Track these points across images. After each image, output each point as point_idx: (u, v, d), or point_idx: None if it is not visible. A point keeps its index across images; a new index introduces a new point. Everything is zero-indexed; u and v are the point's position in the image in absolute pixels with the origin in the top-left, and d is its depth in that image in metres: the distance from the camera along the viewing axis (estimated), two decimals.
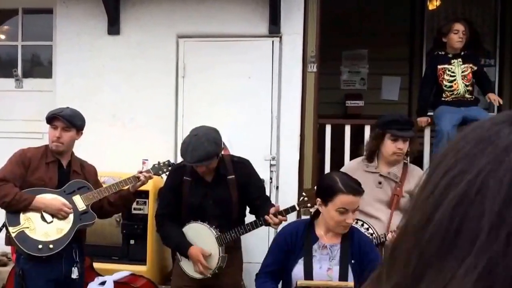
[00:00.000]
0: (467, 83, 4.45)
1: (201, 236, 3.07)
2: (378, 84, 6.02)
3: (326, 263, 2.40)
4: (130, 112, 4.56)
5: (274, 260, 2.49)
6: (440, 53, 4.57)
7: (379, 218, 2.99)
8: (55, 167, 3.11)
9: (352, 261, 2.39)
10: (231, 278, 3.19)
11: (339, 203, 2.34)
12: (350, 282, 2.34)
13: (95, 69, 4.60)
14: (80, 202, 3.08)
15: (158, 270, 4.07)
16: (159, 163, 3.31)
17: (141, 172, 3.21)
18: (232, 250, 3.12)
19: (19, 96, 4.84)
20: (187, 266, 3.13)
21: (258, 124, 4.44)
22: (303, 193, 2.92)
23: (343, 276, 2.35)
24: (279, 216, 2.92)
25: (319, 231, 2.46)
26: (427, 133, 4.58)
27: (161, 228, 3.21)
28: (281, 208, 2.99)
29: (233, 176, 3.11)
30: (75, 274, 3.07)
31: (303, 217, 4.18)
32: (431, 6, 5.87)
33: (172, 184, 3.19)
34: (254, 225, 3.02)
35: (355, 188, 2.38)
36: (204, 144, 2.92)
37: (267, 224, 2.98)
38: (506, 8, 5.88)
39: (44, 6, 4.82)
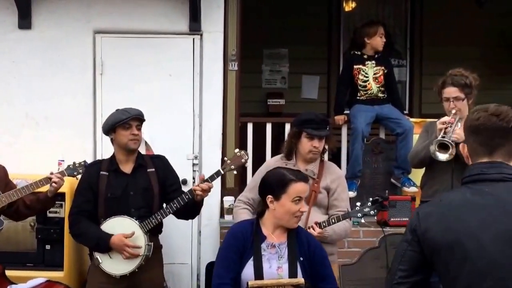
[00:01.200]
0: (379, 85, 4.68)
1: (123, 227, 3.01)
2: (298, 83, 6.16)
3: (275, 262, 2.39)
4: (44, 111, 4.34)
5: (232, 264, 2.39)
6: (356, 53, 4.77)
7: None
8: None
9: (301, 258, 2.39)
10: (153, 280, 3.14)
11: (294, 192, 2.39)
12: (301, 279, 2.34)
13: (5, 66, 4.32)
14: None
15: (76, 275, 3.92)
16: (74, 163, 3.20)
17: (52, 173, 3.07)
18: (153, 251, 3.08)
19: None
20: (109, 266, 3.04)
21: (180, 123, 4.40)
22: (225, 157, 2.97)
23: (292, 274, 2.36)
24: (205, 183, 2.97)
25: (266, 230, 2.44)
26: (344, 130, 4.77)
27: (76, 226, 3.11)
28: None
29: (153, 169, 3.15)
30: None
31: (227, 216, 4.20)
32: (347, 8, 6.09)
33: (89, 181, 3.12)
34: (180, 201, 3.00)
35: (304, 175, 2.49)
36: (134, 108, 3.15)
37: (193, 199, 2.98)
38: (415, 11, 6.24)
39: None
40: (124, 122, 3.04)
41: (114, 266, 3.04)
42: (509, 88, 6.17)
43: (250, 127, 4.60)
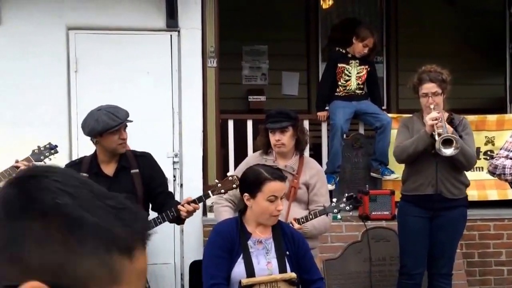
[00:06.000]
0: (360, 83, 4.71)
1: None
2: (278, 80, 6.13)
3: (263, 258, 2.37)
4: (17, 110, 4.18)
5: (223, 262, 2.34)
6: (341, 50, 4.75)
7: None
8: None
9: (287, 252, 2.39)
10: None
11: (268, 191, 2.36)
12: (292, 273, 2.33)
13: None
14: None
15: None
16: (39, 147, 3.05)
17: (18, 161, 2.93)
18: None
19: None
20: None
21: (159, 121, 4.30)
22: (216, 180, 2.88)
23: (282, 268, 2.35)
24: (192, 204, 2.84)
25: (249, 227, 2.43)
26: (324, 126, 4.76)
27: None
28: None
29: (137, 170, 2.97)
30: None
31: (209, 214, 4.11)
32: (325, 5, 6.09)
33: None
34: (164, 218, 2.88)
35: (280, 175, 2.45)
36: (119, 107, 2.91)
37: (178, 215, 2.86)
38: (391, 8, 6.30)
39: None
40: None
41: None
42: (479, 83, 6.34)
43: (230, 124, 4.53)
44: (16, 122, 4.18)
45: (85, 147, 3.73)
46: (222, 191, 2.81)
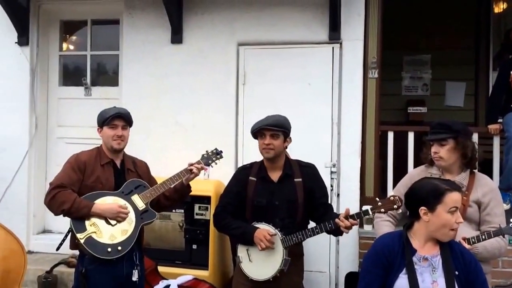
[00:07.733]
0: None
1: None
2: (441, 90, 5.84)
3: (428, 276, 2.27)
4: (192, 119, 4.64)
5: (375, 278, 2.32)
6: None
7: None
8: (110, 168, 3.11)
9: (456, 272, 2.26)
10: (292, 284, 3.13)
11: (451, 202, 2.27)
12: None
13: (159, 77, 4.72)
14: (139, 202, 3.12)
15: (219, 275, 4.11)
16: (207, 152, 3.35)
17: (192, 165, 3.22)
18: (294, 257, 3.07)
19: (88, 104, 5.05)
20: (247, 267, 3.11)
21: (318, 131, 4.42)
22: (377, 198, 2.88)
23: None
24: (350, 220, 2.87)
25: (416, 242, 2.34)
26: (496, 140, 4.41)
27: (223, 221, 3.16)
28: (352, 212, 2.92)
29: (300, 179, 3.11)
30: (135, 276, 3.10)
31: (366, 226, 4.11)
32: (497, 9, 5.65)
33: (237, 184, 3.19)
34: (322, 228, 2.95)
35: (458, 185, 2.35)
36: (277, 115, 3.16)
37: (336, 228, 2.91)
38: None
39: (111, 17, 5.02)
40: (258, 132, 3.10)
41: (251, 269, 3.10)
42: None
43: (390, 136, 4.45)
44: (191, 130, 4.64)
45: (250, 155, 4.02)
46: (382, 210, 2.78)
